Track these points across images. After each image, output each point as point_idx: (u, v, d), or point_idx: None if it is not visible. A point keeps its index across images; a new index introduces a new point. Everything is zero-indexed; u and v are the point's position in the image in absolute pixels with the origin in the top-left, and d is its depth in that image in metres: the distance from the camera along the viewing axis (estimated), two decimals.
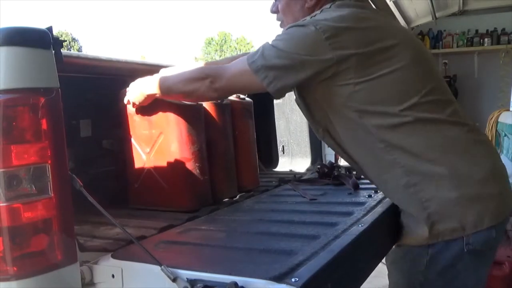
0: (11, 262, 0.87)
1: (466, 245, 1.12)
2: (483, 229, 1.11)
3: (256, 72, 1.13)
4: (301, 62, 1.11)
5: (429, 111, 1.14)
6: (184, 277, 0.86)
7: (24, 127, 0.89)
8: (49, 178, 0.91)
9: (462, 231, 1.11)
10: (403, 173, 1.15)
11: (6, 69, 0.88)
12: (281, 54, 1.12)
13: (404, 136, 1.14)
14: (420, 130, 1.14)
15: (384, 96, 1.14)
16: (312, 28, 1.11)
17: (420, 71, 1.19)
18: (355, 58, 1.11)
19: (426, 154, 1.13)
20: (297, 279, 0.79)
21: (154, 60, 1.88)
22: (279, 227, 1.20)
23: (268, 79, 1.13)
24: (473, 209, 1.12)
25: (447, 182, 1.12)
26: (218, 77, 1.22)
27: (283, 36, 1.16)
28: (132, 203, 1.64)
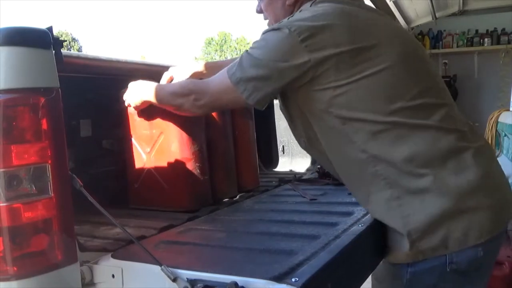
0: (11, 262, 0.87)
1: (449, 264, 1.03)
2: (468, 247, 1.02)
3: (236, 85, 1.09)
4: (278, 70, 1.06)
5: (415, 117, 1.05)
6: (184, 277, 0.86)
7: (24, 127, 0.89)
8: (49, 178, 0.91)
9: (444, 249, 1.02)
10: (386, 185, 1.06)
11: (6, 69, 0.88)
12: (258, 63, 1.07)
13: (387, 145, 1.05)
14: (404, 139, 1.04)
15: (366, 100, 1.05)
16: (286, 30, 1.05)
17: (409, 71, 1.09)
18: (335, 59, 1.03)
19: (410, 165, 1.03)
20: (297, 279, 0.79)
21: (153, 60, 1.88)
22: (279, 227, 1.20)
23: (247, 91, 1.08)
24: (457, 225, 1.02)
25: (431, 196, 1.02)
26: (201, 93, 1.20)
27: (258, 43, 1.11)
28: (132, 203, 1.64)
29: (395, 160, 1.04)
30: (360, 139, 1.07)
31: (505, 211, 1.10)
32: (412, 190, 1.04)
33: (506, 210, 1.11)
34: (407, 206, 1.04)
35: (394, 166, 1.05)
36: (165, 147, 1.54)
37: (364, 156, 1.07)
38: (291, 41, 1.04)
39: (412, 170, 1.04)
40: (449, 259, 1.03)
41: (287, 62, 1.05)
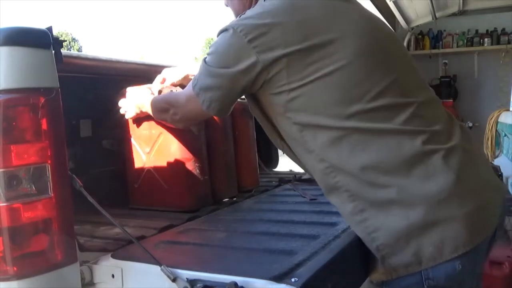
0: (11, 262, 0.87)
1: (426, 280, 0.93)
2: (444, 261, 0.91)
3: (197, 96, 1.07)
4: (228, 77, 1.01)
5: (375, 121, 0.94)
6: (184, 277, 0.86)
7: (24, 127, 0.89)
8: (49, 178, 0.91)
9: (418, 265, 0.92)
10: (348, 198, 0.97)
11: (7, 69, 0.88)
12: (211, 72, 1.03)
13: (346, 153, 0.95)
14: (364, 146, 0.94)
15: (321, 104, 0.96)
16: (231, 31, 0.99)
17: (369, 68, 0.97)
18: (285, 59, 0.95)
19: (371, 175, 0.94)
20: (297, 279, 0.79)
21: (152, 60, 1.88)
22: (279, 227, 1.20)
23: (206, 102, 1.05)
24: (428, 239, 0.91)
25: (396, 208, 0.92)
26: (176, 107, 1.20)
27: (211, 48, 1.07)
28: (132, 203, 1.64)
29: (354, 170, 0.95)
30: (318, 147, 0.98)
31: (484, 219, 0.97)
32: (376, 203, 0.95)
33: (486, 217, 0.98)
34: (372, 220, 0.95)
35: (354, 176, 0.95)
36: (165, 147, 1.54)
37: (323, 166, 0.99)
38: (238, 42, 0.98)
39: (374, 180, 0.94)
40: (424, 275, 0.93)
41: (236, 66, 0.99)
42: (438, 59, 5.61)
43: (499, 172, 3.52)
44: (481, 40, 5.39)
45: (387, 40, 1.07)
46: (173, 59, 29.43)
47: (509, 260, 2.25)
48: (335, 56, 0.95)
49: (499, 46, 5.30)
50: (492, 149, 4.31)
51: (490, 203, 1.00)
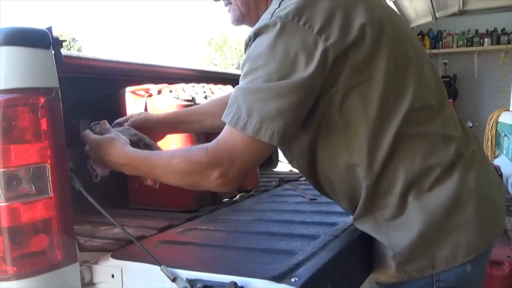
0: (11, 262, 0.87)
1: (436, 282, 0.94)
2: (455, 265, 0.93)
3: (258, 134, 0.84)
4: (304, 85, 0.84)
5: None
6: (183, 277, 0.86)
7: (24, 127, 0.89)
8: (49, 178, 0.91)
9: (431, 269, 0.94)
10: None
11: (6, 69, 0.88)
12: (273, 89, 0.83)
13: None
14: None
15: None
16: (279, 25, 0.83)
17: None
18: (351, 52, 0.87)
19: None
20: (297, 279, 0.79)
21: (152, 61, 1.87)
22: (279, 227, 1.20)
23: (277, 134, 0.85)
24: (444, 245, 0.93)
25: (418, 214, 0.93)
26: (222, 166, 0.89)
27: (256, 62, 0.86)
28: (132, 203, 1.64)
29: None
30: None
31: (495, 223, 1.01)
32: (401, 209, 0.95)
33: (497, 221, 1.02)
34: (396, 227, 0.95)
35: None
36: (164, 147, 1.54)
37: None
38: (299, 34, 0.84)
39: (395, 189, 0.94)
40: (436, 278, 0.95)
41: (308, 68, 0.84)
42: (438, 59, 5.62)
43: (499, 172, 3.54)
44: (481, 40, 5.40)
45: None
46: (173, 59, 29.45)
47: (509, 260, 2.25)
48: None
49: (499, 46, 5.31)
50: (492, 149, 4.31)
51: (501, 207, 1.03)
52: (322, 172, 1.02)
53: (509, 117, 3.86)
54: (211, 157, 0.90)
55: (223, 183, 0.90)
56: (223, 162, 0.88)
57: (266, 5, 1.01)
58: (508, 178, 3.44)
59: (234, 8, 1.06)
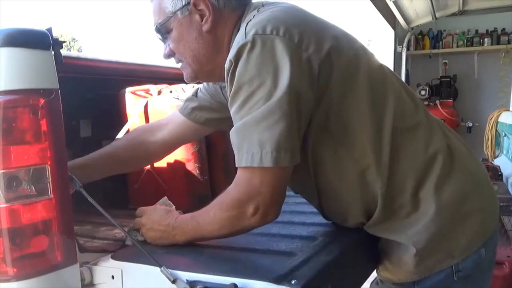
0: (11, 263, 0.87)
1: (456, 273, 0.96)
2: (472, 252, 0.97)
3: (276, 162, 0.82)
4: (294, 98, 0.83)
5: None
6: (183, 278, 0.86)
7: (24, 128, 0.89)
8: (49, 179, 0.91)
9: (451, 259, 0.96)
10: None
11: (6, 70, 0.88)
12: (270, 120, 0.81)
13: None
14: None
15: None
16: (258, 42, 0.81)
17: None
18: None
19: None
20: (297, 280, 0.79)
21: (152, 61, 1.87)
22: (279, 228, 1.20)
23: (287, 158, 0.83)
24: (461, 232, 0.96)
25: (433, 209, 0.94)
26: (252, 197, 0.89)
27: (243, 95, 0.83)
28: (132, 203, 1.64)
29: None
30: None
31: (495, 201, 1.08)
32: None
33: (496, 199, 1.09)
34: (416, 224, 0.95)
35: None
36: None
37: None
38: (288, 48, 0.82)
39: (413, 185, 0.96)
40: (455, 268, 0.96)
41: (299, 84, 0.83)
42: (438, 59, 5.62)
43: (499, 172, 3.53)
44: (481, 40, 5.39)
45: None
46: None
47: (509, 260, 2.25)
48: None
49: (499, 46, 5.31)
50: (492, 149, 4.31)
51: (491, 184, 1.10)
52: (328, 187, 1.00)
53: (509, 117, 3.86)
54: (237, 196, 0.90)
55: (261, 216, 0.89)
56: (251, 196, 0.88)
57: (222, 54, 0.97)
58: (508, 178, 3.44)
59: (185, 66, 1.05)
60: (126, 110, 1.62)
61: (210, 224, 0.95)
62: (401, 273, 1.00)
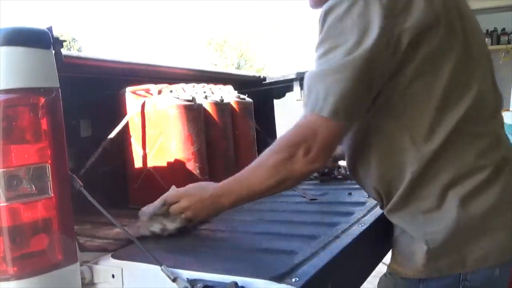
0: (11, 262, 0.87)
1: (463, 281, 0.94)
2: (485, 267, 0.93)
3: (334, 115, 0.88)
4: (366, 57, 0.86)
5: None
6: (184, 277, 0.86)
7: (24, 127, 0.89)
8: (49, 178, 0.91)
9: (461, 267, 0.94)
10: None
11: (6, 69, 0.88)
12: (340, 75, 0.85)
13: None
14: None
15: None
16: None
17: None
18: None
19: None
20: (297, 279, 0.79)
21: (152, 61, 1.87)
22: (279, 227, 1.20)
23: (344, 115, 0.89)
24: (477, 245, 0.93)
25: (455, 213, 0.92)
26: (310, 141, 0.91)
27: (328, 45, 0.88)
28: (132, 203, 1.64)
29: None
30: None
31: None
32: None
33: None
34: (434, 222, 0.94)
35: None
36: (164, 147, 1.54)
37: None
38: (384, 17, 0.85)
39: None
40: (463, 276, 0.94)
41: (369, 39, 0.85)
42: None
43: None
44: None
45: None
46: (173, 60, 29.43)
47: None
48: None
49: (499, 46, 5.31)
50: None
51: None
52: (368, 156, 1.01)
53: (509, 117, 3.86)
54: (293, 136, 0.94)
55: (310, 160, 0.91)
56: (306, 138, 0.91)
57: None
58: None
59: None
60: (126, 109, 1.62)
61: (262, 173, 0.97)
62: (410, 269, 1.00)
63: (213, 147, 1.64)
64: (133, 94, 1.63)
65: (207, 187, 1.08)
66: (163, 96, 1.58)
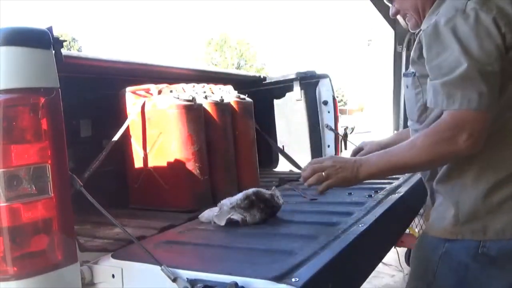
0: (11, 262, 0.87)
1: (482, 247, 1.08)
2: (504, 239, 1.07)
3: (486, 107, 1.00)
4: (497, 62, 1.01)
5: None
6: (184, 277, 0.86)
7: (24, 127, 0.89)
8: (49, 178, 0.91)
9: (483, 235, 1.08)
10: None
11: (7, 69, 0.88)
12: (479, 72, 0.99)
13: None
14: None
15: None
16: (472, 13, 1.00)
17: None
18: None
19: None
20: (297, 279, 0.79)
21: (152, 61, 1.88)
22: (279, 227, 1.20)
23: (489, 105, 1.00)
24: (499, 218, 1.07)
25: (484, 185, 1.07)
26: (470, 127, 1.02)
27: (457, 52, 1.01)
28: (132, 203, 1.64)
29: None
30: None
31: None
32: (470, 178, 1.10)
33: None
34: (464, 191, 1.10)
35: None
36: (164, 147, 1.54)
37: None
38: (485, 21, 1.00)
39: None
40: (482, 243, 1.08)
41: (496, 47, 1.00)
42: None
43: None
44: None
45: None
46: (173, 59, 29.41)
47: None
48: None
49: None
50: None
51: None
52: None
53: None
54: (454, 124, 1.03)
55: (473, 142, 1.01)
56: (466, 125, 1.01)
57: (430, 2, 1.18)
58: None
59: (410, 18, 1.26)
60: (126, 109, 1.62)
61: (416, 152, 1.07)
62: (439, 229, 1.15)
63: (213, 147, 1.64)
64: (133, 94, 1.63)
65: (351, 158, 1.19)
66: (163, 96, 1.58)
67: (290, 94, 2.53)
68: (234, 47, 32.16)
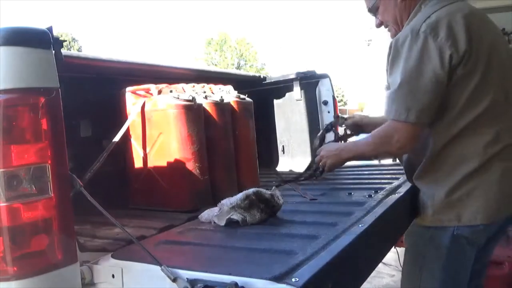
0: (11, 262, 0.87)
1: (456, 230, 1.31)
2: (475, 224, 1.29)
3: (415, 123, 1.24)
4: (438, 80, 1.21)
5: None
6: (184, 277, 0.86)
7: (24, 127, 0.89)
8: (49, 178, 0.91)
9: (457, 222, 1.31)
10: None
11: (6, 69, 0.88)
12: (419, 92, 1.21)
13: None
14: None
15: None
16: (421, 36, 1.19)
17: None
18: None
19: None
20: (298, 279, 0.79)
21: (152, 61, 1.87)
22: (279, 227, 1.20)
23: (418, 117, 1.23)
24: (470, 206, 1.29)
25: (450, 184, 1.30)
26: (391, 137, 1.30)
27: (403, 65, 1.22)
28: (132, 203, 1.64)
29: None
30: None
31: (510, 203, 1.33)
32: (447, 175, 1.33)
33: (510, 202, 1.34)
34: (438, 186, 1.33)
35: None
36: (164, 147, 1.54)
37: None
38: (432, 44, 1.19)
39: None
40: (457, 228, 1.31)
41: (438, 65, 1.19)
42: None
43: None
44: None
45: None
46: (173, 59, 29.38)
47: (509, 260, 2.25)
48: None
49: None
50: None
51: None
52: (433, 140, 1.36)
53: None
54: (389, 132, 1.30)
55: (402, 148, 1.31)
56: (395, 133, 1.28)
57: (407, 15, 1.38)
58: None
59: (390, 28, 1.46)
60: (126, 109, 1.62)
61: (366, 145, 1.42)
62: (423, 219, 1.39)
63: (213, 147, 1.64)
64: (133, 94, 1.63)
65: (336, 144, 1.58)
66: (163, 96, 1.58)
67: (290, 94, 2.53)
68: (234, 47, 32.15)
